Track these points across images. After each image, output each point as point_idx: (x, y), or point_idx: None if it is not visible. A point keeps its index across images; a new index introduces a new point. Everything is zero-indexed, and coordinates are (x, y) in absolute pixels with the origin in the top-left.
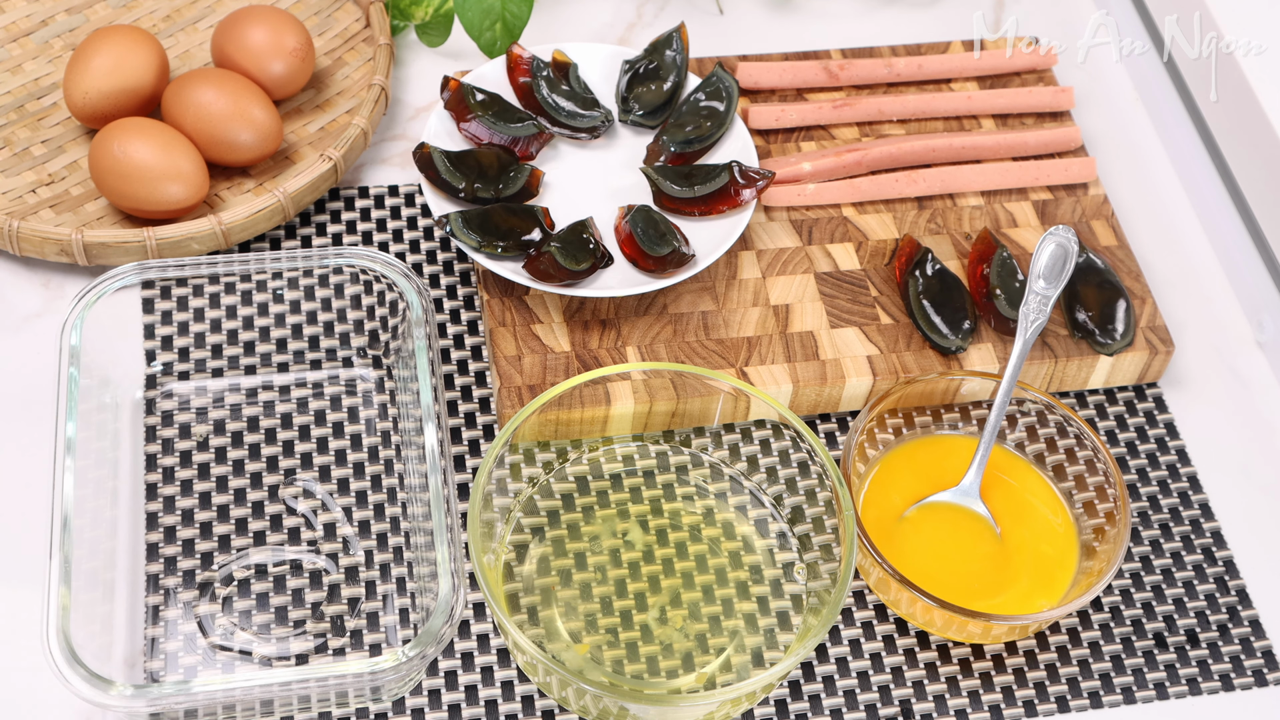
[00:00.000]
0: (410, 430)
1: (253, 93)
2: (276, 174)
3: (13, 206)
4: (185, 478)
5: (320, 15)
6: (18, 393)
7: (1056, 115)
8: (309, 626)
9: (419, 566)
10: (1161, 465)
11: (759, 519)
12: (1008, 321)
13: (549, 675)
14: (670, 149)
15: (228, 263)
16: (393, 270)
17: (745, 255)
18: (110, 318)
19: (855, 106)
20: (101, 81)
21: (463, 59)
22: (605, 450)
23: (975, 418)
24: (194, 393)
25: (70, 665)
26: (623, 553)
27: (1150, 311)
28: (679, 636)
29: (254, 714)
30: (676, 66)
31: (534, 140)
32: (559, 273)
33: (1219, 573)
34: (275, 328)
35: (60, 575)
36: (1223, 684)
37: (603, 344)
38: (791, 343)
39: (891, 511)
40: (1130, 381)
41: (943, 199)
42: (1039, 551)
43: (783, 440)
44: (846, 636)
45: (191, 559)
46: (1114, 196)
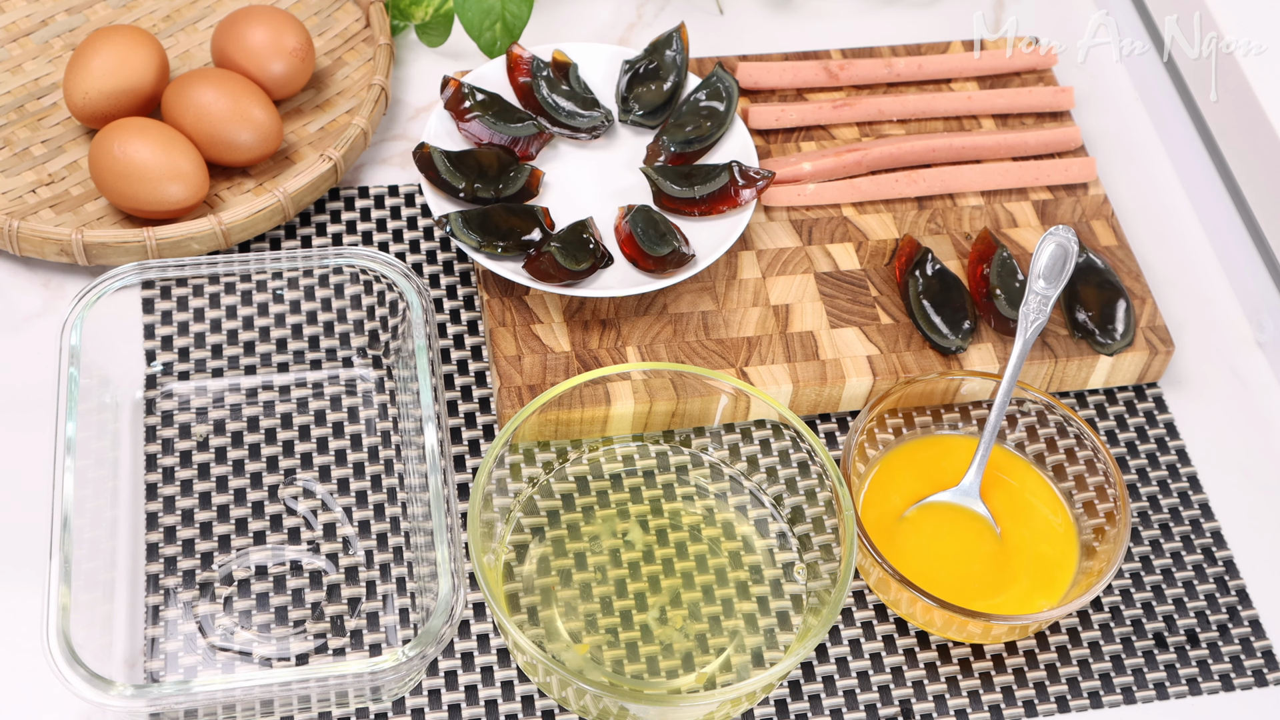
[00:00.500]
0: (410, 430)
1: (253, 93)
2: (276, 174)
3: (13, 206)
4: (185, 478)
5: (320, 15)
6: (18, 393)
7: (1056, 115)
8: (309, 626)
9: (419, 566)
10: (1161, 465)
11: (759, 519)
12: (1008, 321)
13: (549, 675)
14: (670, 149)
15: (228, 263)
16: (393, 270)
17: (745, 255)
18: (110, 318)
19: (855, 106)
20: (101, 81)
21: (463, 59)
22: (605, 450)
23: (975, 418)
24: (194, 393)
25: (70, 665)
26: (623, 553)
27: (1150, 311)
28: (679, 636)
29: (254, 714)
30: (676, 66)
31: (534, 140)
32: (559, 273)
33: (1219, 573)
34: (275, 328)
35: (60, 575)
36: (1223, 684)
37: (603, 344)
38: (791, 343)
39: (891, 511)
40: (1130, 381)
41: (943, 199)
42: (1039, 551)
43: (783, 440)
44: (846, 636)
45: (191, 559)
46: (1114, 196)
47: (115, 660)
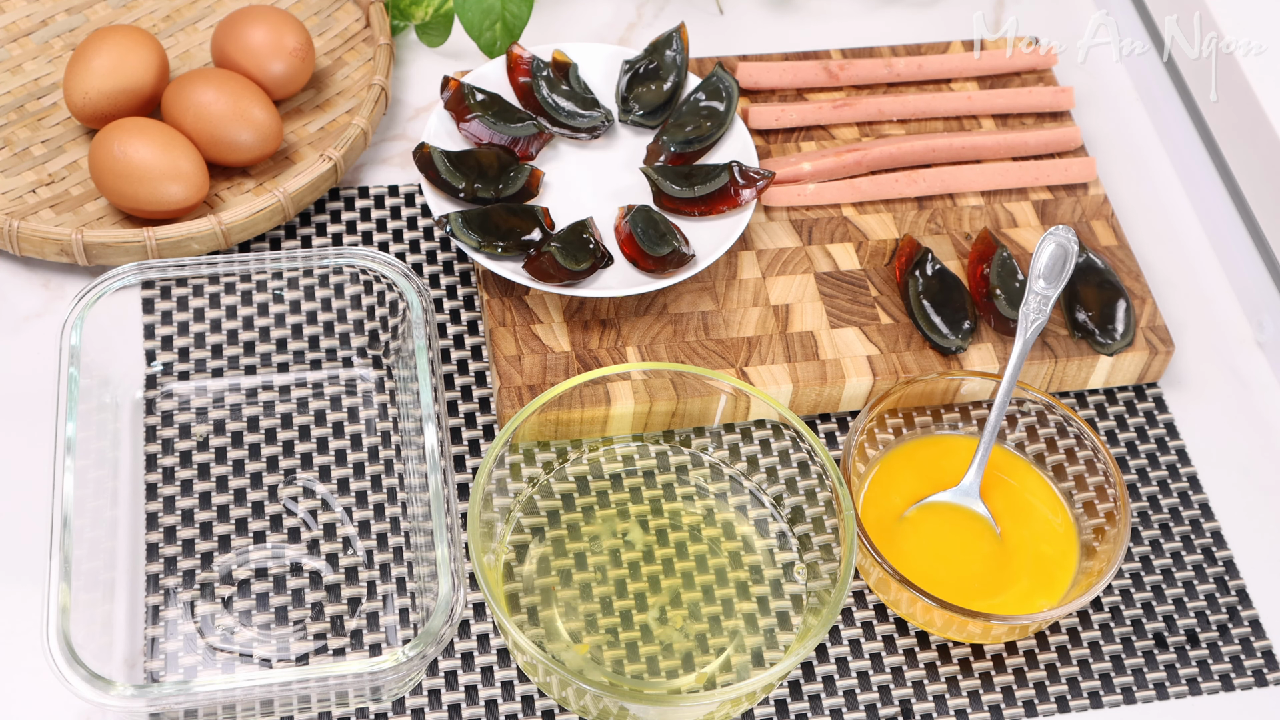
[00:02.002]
0: (410, 430)
1: (253, 93)
2: (276, 174)
3: (13, 206)
4: (185, 478)
5: (320, 15)
6: (18, 393)
7: (1056, 115)
8: (309, 626)
9: (419, 566)
10: (1161, 465)
11: (759, 519)
12: (1008, 321)
13: (549, 675)
14: (670, 149)
15: (228, 263)
16: (393, 270)
17: (745, 255)
18: (110, 318)
19: (855, 106)
20: (101, 81)
21: (463, 59)
22: (605, 450)
23: (975, 418)
24: (194, 393)
25: (70, 665)
26: (623, 553)
27: (1150, 311)
28: (679, 636)
29: (254, 714)
30: (676, 66)
31: (534, 140)
32: (559, 273)
33: (1219, 573)
34: (275, 328)
35: (60, 575)
36: (1223, 684)
37: (603, 344)
38: (791, 343)
39: (891, 511)
40: (1130, 381)
41: (943, 199)
42: (1039, 551)
43: (783, 440)
44: (846, 636)
45: (191, 559)
46: (1114, 196)
47: (115, 660)
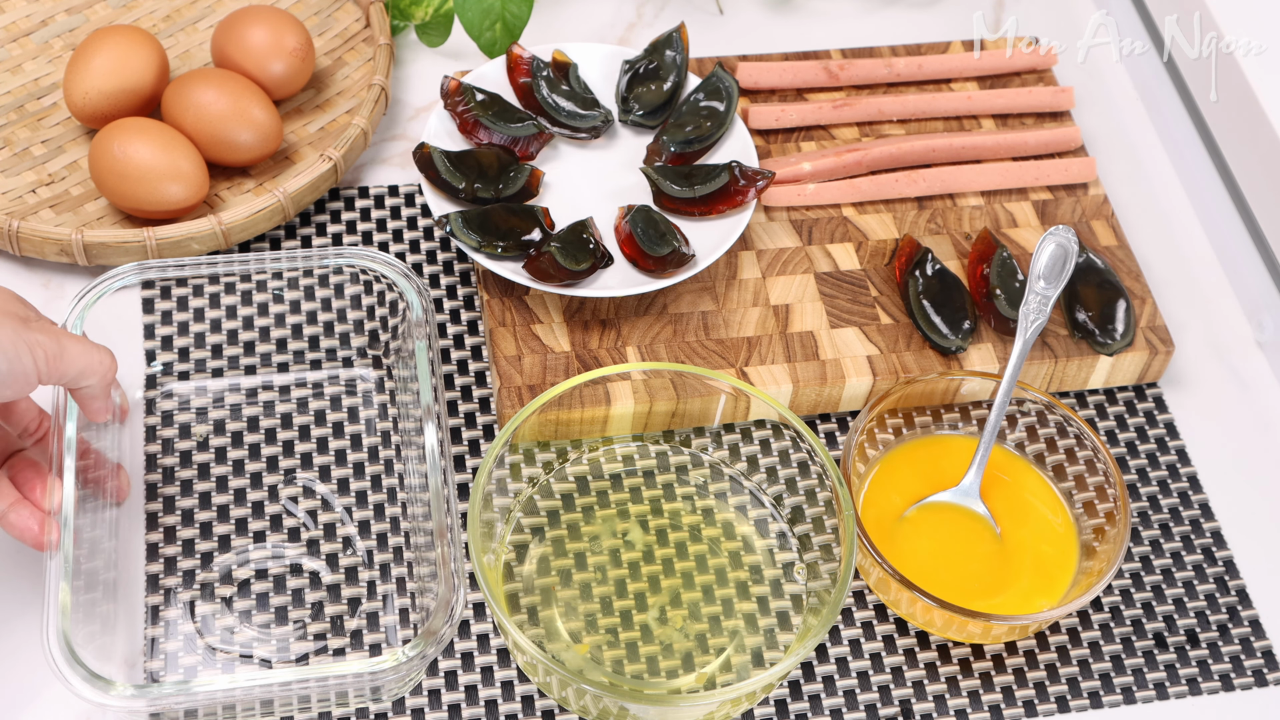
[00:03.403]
0: (410, 430)
1: (253, 93)
2: (276, 174)
3: (13, 206)
4: (185, 478)
5: (320, 15)
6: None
7: (1056, 115)
8: (309, 626)
9: (419, 566)
10: (1161, 465)
11: (759, 519)
12: (1008, 321)
13: (549, 675)
14: (670, 149)
15: (228, 263)
16: (393, 270)
17: (745, 255)
18: (110, 318)
19: (855, 106)
20: (101, 81)
21: (463, 59)
22: (605, 450)
23: (975, 418)
24: (194, 393)
25: (70, 665)
26: (623, 553)
27: (1150, 311)
28: (679, 636)
29: (254, 714)
30: (676, 66)
31: (534, 140)
32: (559, 273)
33: (1219, 573)
34: (275, 328)
35: (60, 575)
36: (1223, 684)
37: (603, 344)
38: (791, 343)
39: (891, 511)
40: (1130, 381)
41: (943, 199)
42: (1039, 551)
43: (783, 440)
44: (846, 636)
45: (191, 559)
46: (1114, 196)
47: (115, 660)
